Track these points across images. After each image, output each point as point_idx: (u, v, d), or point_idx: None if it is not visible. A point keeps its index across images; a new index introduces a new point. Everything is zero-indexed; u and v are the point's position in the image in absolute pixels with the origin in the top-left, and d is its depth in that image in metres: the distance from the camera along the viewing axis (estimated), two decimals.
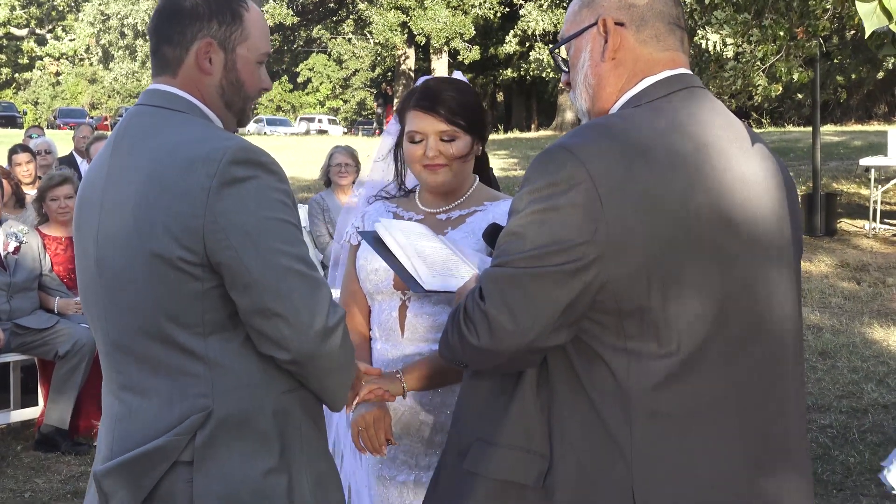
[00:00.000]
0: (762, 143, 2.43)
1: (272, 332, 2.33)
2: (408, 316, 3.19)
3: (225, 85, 2.55)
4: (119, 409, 2.50)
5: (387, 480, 3.30)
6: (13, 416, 7.24)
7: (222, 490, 2.38)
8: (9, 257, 7.09)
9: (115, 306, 2.45)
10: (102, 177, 2.50)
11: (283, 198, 2.38)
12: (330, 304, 2.38)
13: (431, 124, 3.13)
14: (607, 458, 2.18)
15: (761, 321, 2.26)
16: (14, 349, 6.99)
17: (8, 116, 53.59)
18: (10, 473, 6.52)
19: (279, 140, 39.77)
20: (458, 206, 3.25)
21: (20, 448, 7.00)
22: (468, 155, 3.17)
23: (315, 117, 59.02)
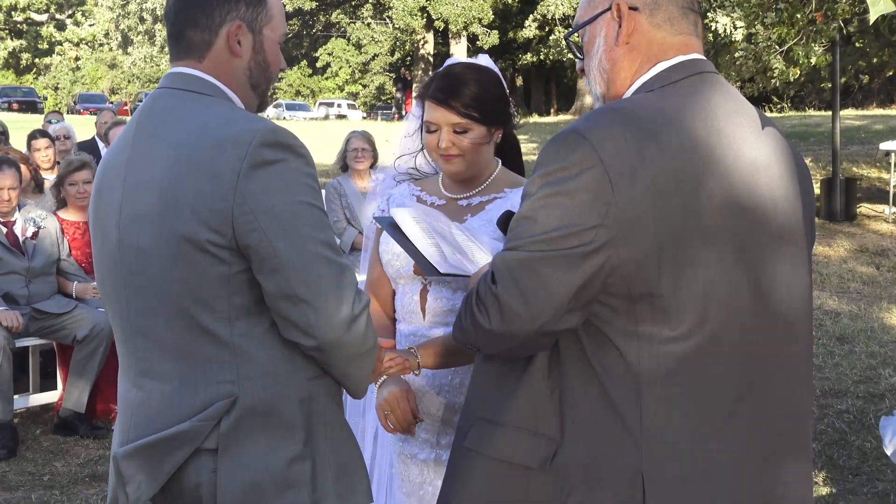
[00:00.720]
0: (775, 128, 2.43)
1: (298, 318, 2.32)
2: (428, 299, 3.23)
3: (253, 67, 2.55)
4: (138, 395, 2.48)
5: (408, 458, 3.33)
6: (32, 399, 7.29)
7: (247, 478, 2.37)
8: (27, 242, 7.12)
9: (137, 290, 2.43)
10: (124, 159, 2.48)
11: (311, 182, 2.36)
12: (355, 291, 2.37)
13: (444, 116, 3.14)
14: (617, 441, 2.19)
15: (772, 305, 2.26)
16: (33, 333, 7.02)
17: (28, 102, 53.76)
18: (30, 457, 6.57)
19: (298, 125, 39.77)
20: (478, 192, 3.27)
21: (39, 432, 7.05)
22: (483, 145, 3.18)
23: (334, 102, 59.01)
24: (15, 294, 7.00)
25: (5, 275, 7.03)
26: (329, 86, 65.91)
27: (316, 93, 66.56)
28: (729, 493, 2.20)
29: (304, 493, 2.40)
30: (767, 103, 37.35)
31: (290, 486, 2.39)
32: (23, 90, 59.83)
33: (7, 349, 6.64)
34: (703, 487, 2.18)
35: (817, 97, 38.94)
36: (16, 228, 7.14)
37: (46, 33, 71.41)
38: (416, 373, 3.06)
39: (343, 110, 56.26)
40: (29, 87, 62.93)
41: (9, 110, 48.87)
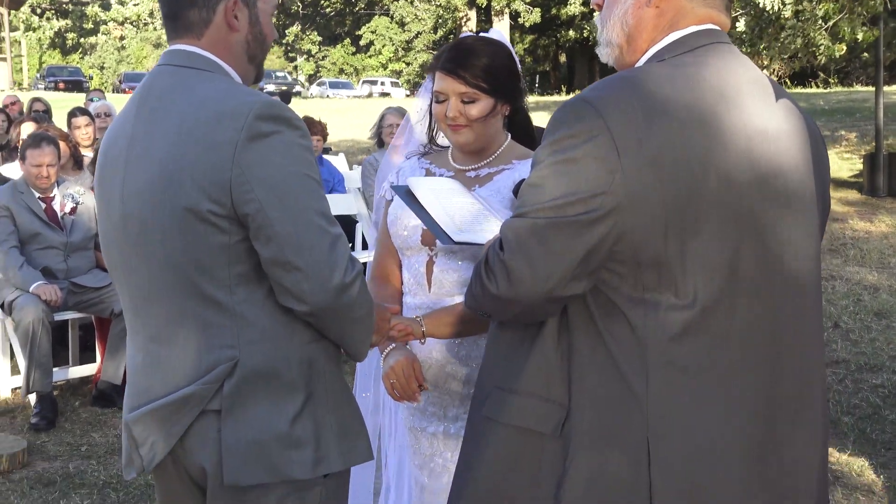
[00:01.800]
0: (788, 99, 2.43)
1: (291, 284, 2.39)
2: (434, 271, 3.26)
3: (250, 40, 2.62)
4: (145, 359, 2.58)
5: (418, 431, 3.38)
6: (71, 372, 7.41)
7: (250, 437, 2.46)
8: (66, 217, 7.22)
9: (143, 260, 2.51)
10: (127, 134, 2.56)
11: (306, 153, 2.44)
12: (348, 260, 2.44)
13: (452, 86, 3.17)
14: (624, 407, 2.21)
15: (780, 275, 2.27)
16: (71, 307, 7.13)
17: (74, 81, 54.16)
18: (68, 428, 6.68)
19: (341, 103, 39.85)
20: (487, 164, 3.30)
21: (78, 403, 7.15)
22: (490, 116, 3.20)
23: (377, 80, 58.96)
24: (53, 268, 7.11)
25: (44, 249, 7.13)
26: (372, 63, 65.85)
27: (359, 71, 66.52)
28: (734, 457, 2.21)
29: (308, 452, 2.49)
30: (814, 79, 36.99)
31: (293, 445, 2.47)
32: (69, 70, 60.30)
33: (46, 323, 6.74)
34: (709, 452, 2.20)
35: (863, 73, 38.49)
36: (55, 204, 7.25)
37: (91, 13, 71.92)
38: (421, 341, 3.09)
39: (386, 88, 56.20)
40: (75, 67, 63.40)
41: (55, 89, 49.32)
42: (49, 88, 50.50)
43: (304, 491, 2.53)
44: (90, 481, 5.66)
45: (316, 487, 2.54)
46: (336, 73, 66.61)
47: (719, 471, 2.20)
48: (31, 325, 6.67)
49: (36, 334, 6.67)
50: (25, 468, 5.94)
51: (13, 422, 6.82)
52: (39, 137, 7.23)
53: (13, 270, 6.90)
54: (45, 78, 56.22)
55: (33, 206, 7.14)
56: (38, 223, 7.12)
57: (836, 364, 7.58)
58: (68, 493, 5.54)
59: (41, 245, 7.13)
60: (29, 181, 7.16)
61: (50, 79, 55.00)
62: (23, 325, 6.69)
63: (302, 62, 68.78)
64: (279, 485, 2.49)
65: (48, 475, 5.82)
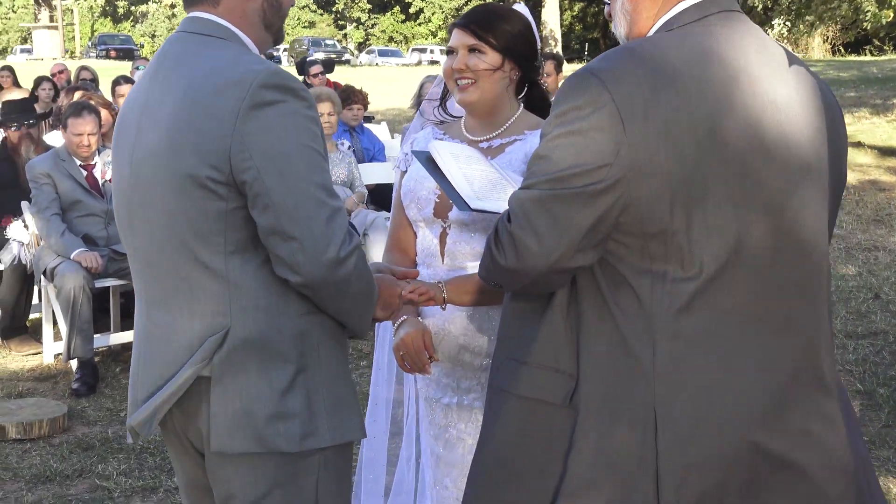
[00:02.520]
0: (803, 67, 2.42)
1: (286, 254, 2.41)
2: (447, 243, 3.27)
3: (266, 7, 2.64)
4: (146, 323, 2.63)
5: (433, 402, 3.40)
6: (112, 338, 7.48)
7: (238, 406, 2.48)
8: (106, 185, 7.29)
9: (145, 224, 2.55)
10: (141, 100, 2.60)
11: (310, 124, 2.45)
12: (345, 234, 2.45)
13: (462, 38, 3.21)
14: (630, 378, 2.22)
15: (787, 244, 2.27)
16: (112, 274, 7.21)
17: (126, 49, 54.56)
18: (108, 393, 6.77)
19: (390, 71, 39.80)
20: (498, 135, 3.30)
21: (119, 370, 7.24)
22: (496, 72, 3.19)
23: (427, 48, 58.82)
24: (94, 236, 7.20)
25: (85, 217, 7.23)
26: (422, 31, 65.74)
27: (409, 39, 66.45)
28: (741, 427, 2.22)
29: (296, 425, 2.50)
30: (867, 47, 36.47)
31: (281, 417, 2.49)
32: (120, 38, 60.74)
33: (87, 289, 6.83)
34: (716, 424, 2.20)
35: None
36: (95, 172, 7.34)
37: None
38: (442, 307, 3.10)
39: (436, 56, 56.00)
40: (126, 35, 63.88)
41: (106, 57, 49.69)
42: (100, 57, 50.89)
43: (296, 464, 2.54)
44: (128, 446, 5.73)
45: (309, 460, 2.55)
46: (385, 41, 66.55)
47: (725, 441, 2.21)
48: (73, 291, 6.76)
49: (77, 301, 6.76)
50: (65, 433, 6.04)
51: (55, 387, 6.92)
52: (80, 106, 7.30)
53: (55, 237, 6.99)
54: (96, 46, 56.66)
55: (74, 173, 7.23)
56: (79, 191, 7.21)
57: (874, 335, 7.51)
58: (106, 458, 5.63)
59: (82, 212, 7.22)
60: (70, 149, 7.25)
61: (101, 47, 55.41)
62: (64, 291, 6.78)
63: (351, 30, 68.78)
64: (270, 455, 2.51)
65: (87, 440, 5.91)
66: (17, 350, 7.61)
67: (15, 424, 5.91)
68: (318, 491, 2.58)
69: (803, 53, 36.72)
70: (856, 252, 10.20)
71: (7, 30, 74.19)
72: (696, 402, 2.20)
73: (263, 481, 2.53)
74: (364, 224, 8.32)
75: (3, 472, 5.48)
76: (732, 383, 2.21)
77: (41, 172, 7.13)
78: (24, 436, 5.89)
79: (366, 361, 7.11)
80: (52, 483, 5.35)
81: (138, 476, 5.38)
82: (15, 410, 6.12)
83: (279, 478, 2.53)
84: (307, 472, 2.56)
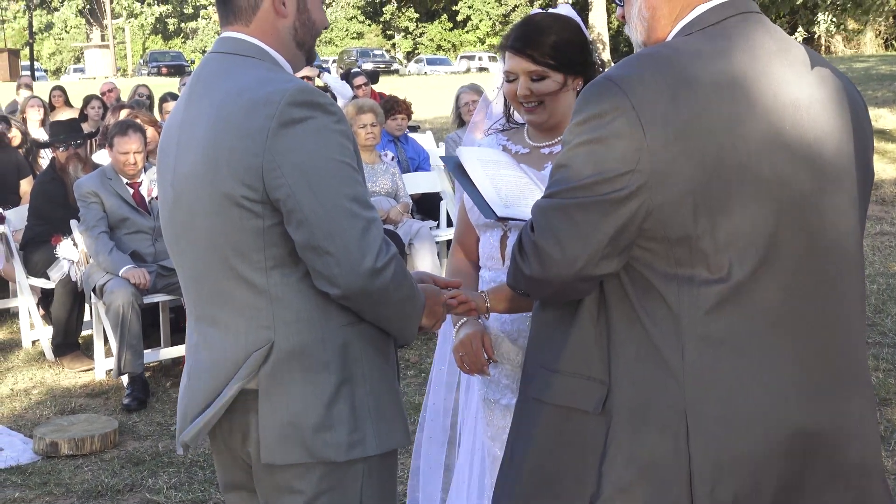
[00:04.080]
0: (828, 68, 2.40)
1: (323, 268, 2.45)
2: (507, 245, 3.29)
3: (298, 26, 2.67)
4: (196, 339, 2.69)
5: (492, 403, 3.43)
6: (162, 353, 7.56)
7: (285, 418, 2.53)
8: (153, 202, 7.37)
9: (189, 242, 2.62)
10: (178, 120, 2.66)
11: (340, 139, 2.48)
12: (381, 244, 2.48)
13: (520, 65, 3.21)
14: (661, 382, 2.22)
15: (817, 243, 2.26)
16: (160, 290, 7.27)
17: (177, 66, 54.97)
18: (159, 408, 6.84)
19: (439, 79, 39.88)
20: (560, 140, 3.29)
21: (169, 384, 7.30)
22: (560, 92, 3.22)
23: (475, 55, 58.89)
24: (142, 252, 7.28)
25: (133, 234, 7.32)
26: (470, 39, 65.78)
27: (457, 46, 66.51)
28: (774, 429, 2.21)
29: (342, 434, 2.54)
30: None
31: (328, 427, 2.53)
32: (171, 55, 61.33)
33: (136, 305, 6.90)
34: (747, 425, 2.20)
35: None
36: (142, 189, 7.42)
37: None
38: (485, 316, 3.12)
39: (484, 63, 56.07)
40: (177, 52, 64.47)
41: (158, 75, 50.24)
42: (152, 74, 51.50)
43: (342, 472, 2.57)
44: (178, 460, 5.79)
45: (355, 468, 2.58)
46: (434, 49, 66.68)
47: (758, 443, 2.20)
48: (122, 307, 6.84)
49: (126, 317, 6.84)
50: (116, 448, 6.10)
51: (107, 402, 7.00)
52: (126, 125, 7.40)
53: (103, 255, 7.08)
54: (147, 64, 57.28)
55: (121, 191, 7.31)
56: (126, 208, 7.30)
57: None
58: (157, 472, 5.69)
59: (130, 230, 7.31)
60: (116, 168, 7.34)
61: (153, 64, 56.01)
62: (113, 308, 6.86)
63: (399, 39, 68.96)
64: (317, 465, 2.55)
65: (138, 454, 5.97)
66: (69, 367, 7.70)
67: (67, 441, 5.98)
68: (363, 498, 2.62)
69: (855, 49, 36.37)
70: None
71: (61, 50, 75.17)
72: (727, 404, 2.20)
73: (310, 490, 2.57)
74: (409, 234, 8.35)
75: (56, 487, 5.55)
76: (763, 384, 2.21)
77: (88, 191, 7.22)
78: (76, 452, 5.96)
79: (413, 371, 7.13)
80: (103, 498, 5.41)
81: (188, 490, 5.43)
82: (67, 427, 6.20)
83: (325, 486, 2.57)
84: (353, 479, 2.59)
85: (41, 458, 5.96)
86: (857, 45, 36.94)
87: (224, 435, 2.69)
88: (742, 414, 2.20)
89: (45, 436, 6.04)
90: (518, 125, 3.49)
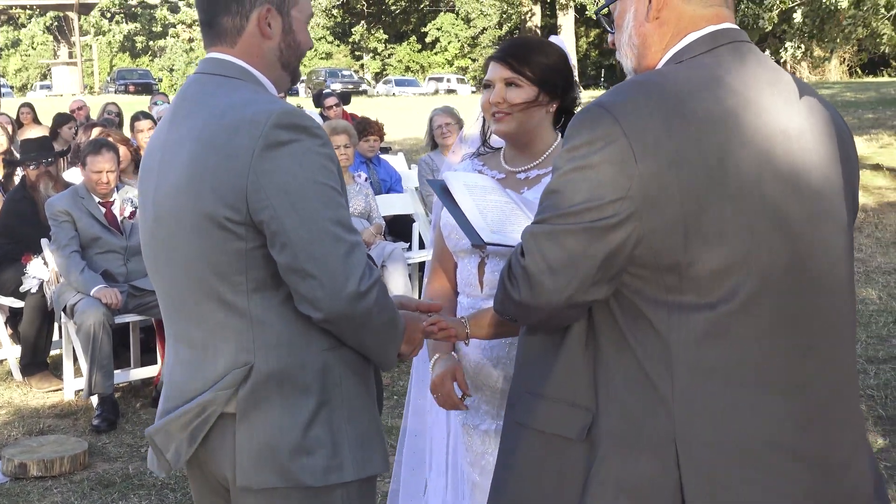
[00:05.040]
0: (815, 97, 2.42)
1: (306, 291, 2.43)
2: (486, 272, 3.30)
3: (283, 48, 2.66)
4: (174, 360, 2.67)
5: (471, 429, 3.43)
6: (133, 374, 7.51)
7: (263, 440, 2.51)
8: (125, 222, 7.34)
9: (169, 262, 2.60)
10: (161, 140, 2.64)
11: (324, 161, 2.47)
12: (365, 268, 2.47)
13: (498, 72, 3.25)
14: (650, 409, 2.22)
15: (808, 272, 2.26)
16: (131, 310, 7.22)
17: (144, 84, 54.78)
18: (129, 429, 6.77)
19: (407, 100, 39.92)
20: (536, 165, 3.34)
21: (139, 405, 7.26)
22: (532, 106, 3.23)
23: (443, 77, 59.02)
24: (114, 272, 7.23)
25: (104, 253, 7.27)
26: (438, 61, 65.90)
27: (425, 68, 66.62)
28: (766, 458, 2.21)
29: (321, 458, 2.52)
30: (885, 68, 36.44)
31: (306, 451, 2.51)
32: (139, 73, 61.00)
33: (107, 325, 6.85)
34: (738, 452, 2.20)
35: None
36: (114, 208, 7.38)
37: (160, 16, 72.65)
38: (465, 342, 3.11)
39: (452, 85, 56.20)
40: (145, 70, 64.16)
41: (125, 92, 49.94)
42: (119, 91, 51.16)
43: (320, 498, 2.55)
44: (149, 482, 5.75)
45: (333, 494, 2.57)
46: (402, 70, 66.76)
47: (750, 471, 2.20)
48: (93, 327, 6.78)
49: (97, 337, 6.79)
50: (86, 469, 6.04)
51: (76, 423, 6.93)
52: (99, 144, 7.36)
53: (75, 274, 7.03)
54: (115, 81, 56.93)
55: (93, 210, 7.27)
56: (98, 227, 7.25)
57: (894, 360, 7.47)
58: (127, 495, 5.64)
59: (101, 249, 7.26)
60: (89, 187, 7.29)
61: (120, 82, 55.70)
62: (84, 327, 6.81)
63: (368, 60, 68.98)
64: (295, 490, 2.53)
65: (108, 476, 5.92)
66: (37, 387, 7.63)
67: (36, 462, 5.92)
68: None
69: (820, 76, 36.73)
70: (876, 275, 10.14)
71: (27, 66, 74.73)
72: (718, 431, 2.19)
73: None
74: (382, 256, 8.34)
75: None
76: (754, 412, 2.21)
77: (60, 210, 7.17)
78: (45, 473, 5.90)
79: (385, 393, 7.11)
80: None
81: None
82: (36, 448, 6.14)
83: None
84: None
85: (9, 480, 5.89)
86: (823, 71, 37.34)
87: (200, 460, 2.65)
88: (731, 443, 2.19)
89: (13, 457, 5.97)
90: (493, 150, 3.49)
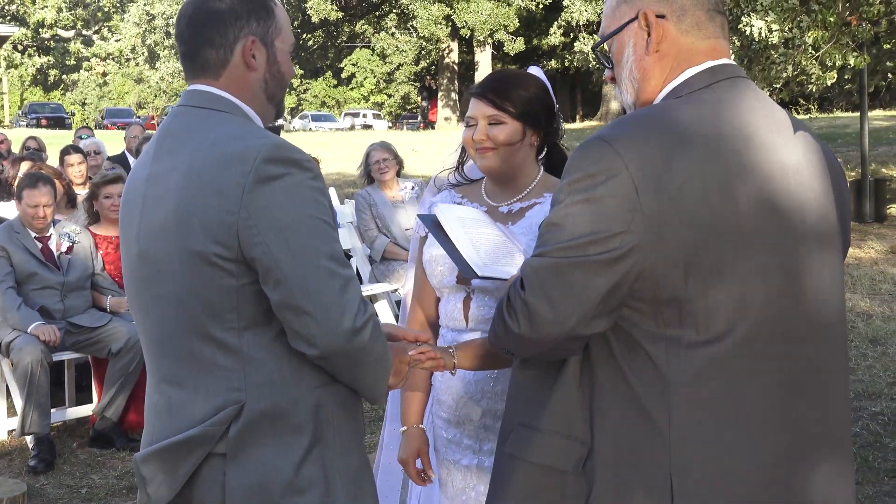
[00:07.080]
0: (806, 132, 2.45)
1: (301, 328, 2.39)
2: (472, 307, 3.28)
3: (268, 79, 2.63)
4: (159, 401, 2.59)
5: (451, 464, 3.40)
6: (68, 413, 7.35)
7: (254, 481, 2.45)
8: (62, 257, 7.20)
9: (155, 300, 2.53)
10: (145, 175, 2.58)
11: (316, 195, 2.43)
12: (359, 303, 2.43)
13: (481, 109, 3.22)
14: (647, 442, 2.22)
15: (805, 309, 2.27)
16: (68, 347, 7.08)
17: (57, 118, 54.08)
18: (67, 470, 6.62)
19: (324, 136, 39.87)
20: (519, 199, 3.32)
21: (76, 445, 7.10)
22: (517, 142, 3.22)
23: (360, 112, 59.09)
24: (50, 308, 7.08)
25: (41, 289, 7.11)
26: (354, 96, 65.95)
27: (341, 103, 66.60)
28: (760, 494, 2.21)
29: (314, 497, 2.48)
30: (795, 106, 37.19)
31: (298, 490, 2.47)
32: (51, 106, 60.14)
33: (45, 363, 6.71)
34: (733, 488, 2.20)
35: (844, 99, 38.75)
36: (51, 244, 7.23)
37: (74, 49, 71.87)
38: (452, 372, 3.09)
39: (369, 120, 56.30)
40: (57, 104, 63.27)
41: (37, 126, 49.20)
42: (31, 125, 50.38)
43: None
44: None
45: None
46: (318, 105, 66.69)
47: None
48: (30, 365, 6.63)
49: (35, 375, 6.63)
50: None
51: (11, 464, 6.76)
52: (35, 177, 7.21)
53: (11, 311, 6.87)
54: (26, 115, 56.11)
55: (29, 246, 7.12)
56: (34, 263, 7.10)
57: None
58: None
59: (38, 285, 7.11)
60: (25, 221, 7.15)
61: (32, 115, 54.88)
62: (21, 366, 6.65)
63: None
64: None
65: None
66: None
67: None
68: None
69: None
70: None
71: None
72: (714, 466, 2.20)
73: None
74: None
75: None
76: (750, 449, 2.21)
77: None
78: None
79: None
80: None
81: None
82: None
83: None
84: None
85: None
86: None
87: (186, 498, 2.56)
88: (726, 478, 2.20)
89: None
90: (471, 180, 3.47)
